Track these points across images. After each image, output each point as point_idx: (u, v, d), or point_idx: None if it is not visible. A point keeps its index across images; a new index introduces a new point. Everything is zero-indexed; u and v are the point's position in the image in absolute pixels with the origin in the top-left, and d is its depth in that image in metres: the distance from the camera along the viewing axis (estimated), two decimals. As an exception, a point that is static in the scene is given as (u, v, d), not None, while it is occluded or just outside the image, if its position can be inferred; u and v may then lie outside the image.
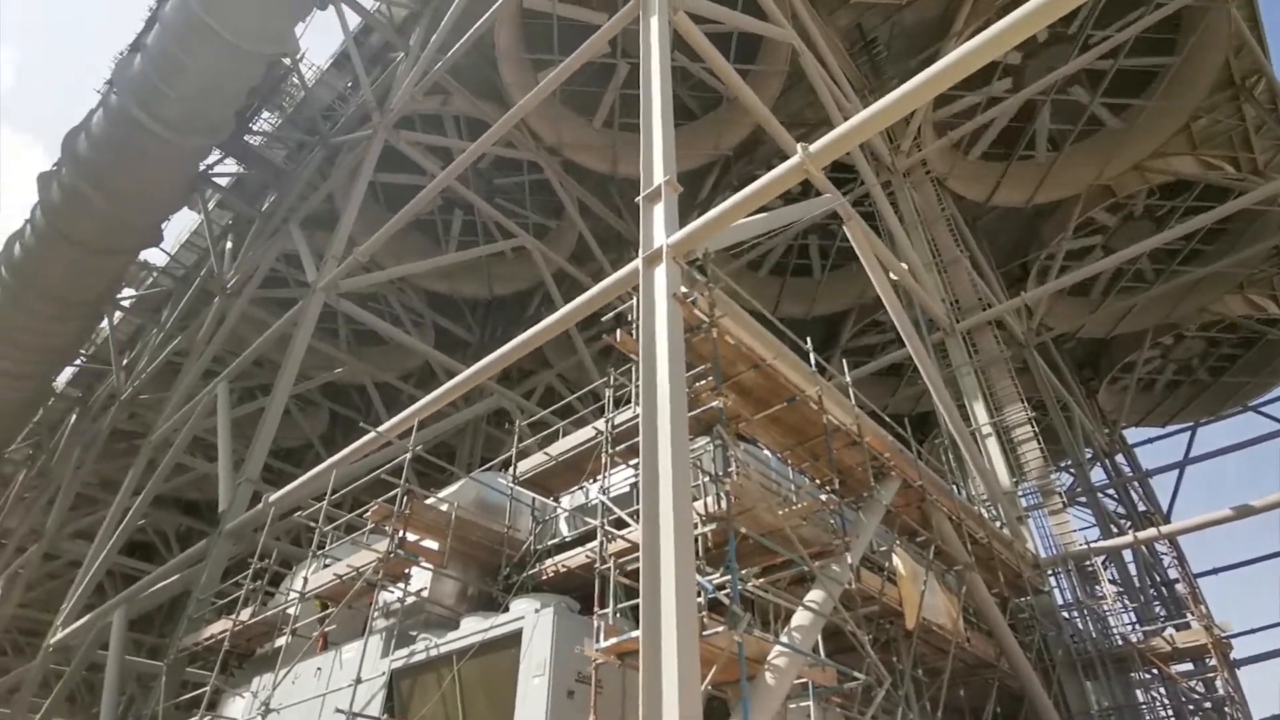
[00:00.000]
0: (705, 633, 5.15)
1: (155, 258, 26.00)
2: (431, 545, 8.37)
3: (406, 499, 8.15)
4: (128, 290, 25.71)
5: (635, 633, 5.22)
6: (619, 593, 6.04)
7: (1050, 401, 19.04)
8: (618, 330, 6.93)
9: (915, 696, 8.51)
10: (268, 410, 14.19)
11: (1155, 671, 11.62)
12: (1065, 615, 11.93)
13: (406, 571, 8.32)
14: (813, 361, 7.98)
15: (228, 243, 23.48)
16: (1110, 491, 22.46)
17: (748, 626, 5.41)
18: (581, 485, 8.72)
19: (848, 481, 8.19)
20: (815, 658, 6.25)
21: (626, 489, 7.61)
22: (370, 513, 8.35)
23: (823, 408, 7.49)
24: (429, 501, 8.73)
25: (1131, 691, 11.58)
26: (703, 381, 6.63)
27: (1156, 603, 18.52)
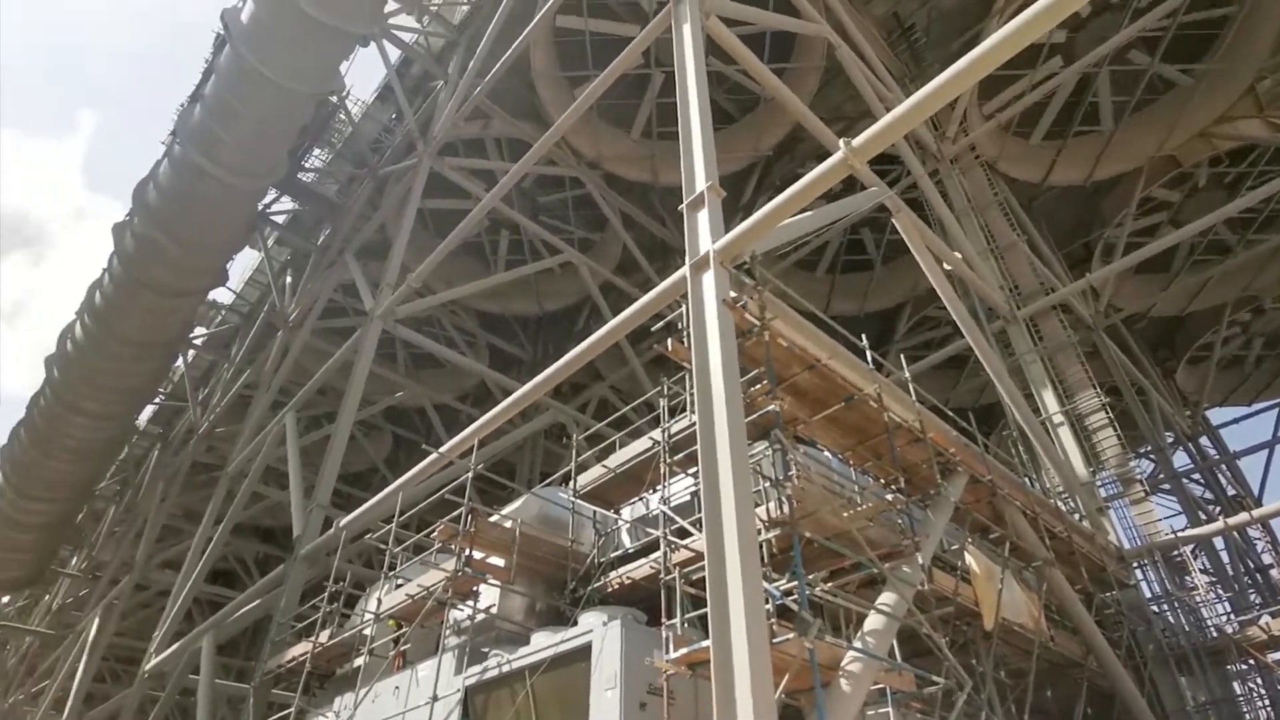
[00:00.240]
0: (776, 640, 5.07)
1: (222, 296, 27.18)
2: (498, 562, 8.48)
3: (471, 517, 8.29)
4: (199, 329, 26.97)
5: (705, 642, 5.18)
6: (685, 602, 6.01)
7: (1125, 385, 18.24)
8: (669, 339, 6.93)
9: (999, 700, 8.21)
10: (334, 437, 14.65)
11: (1252, 662, 11.00)
12: (1155, 609, 11.38)
13: (475, 589, 8.45)
14: (869, 359, 7.83)
15: (288, 277, 24.43)
16: (1195, 476, 21.36)
17: (819, 632, 5.31)
18: (642, 496, 8.72)
19: (913, 480, 7.99)
20: (891, 662, 6.09)
21: (687, 498, 7.58)
22: (437, 532, 8.51)
23: (882, 405, 7.33)
24: (493, 519, 8.86)
25: (1228, 684, 11.00)
26: (758, 386, 6.55)
27: (1251, 590, 17.58)
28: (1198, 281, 21.24)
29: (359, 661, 9.60)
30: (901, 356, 10.73)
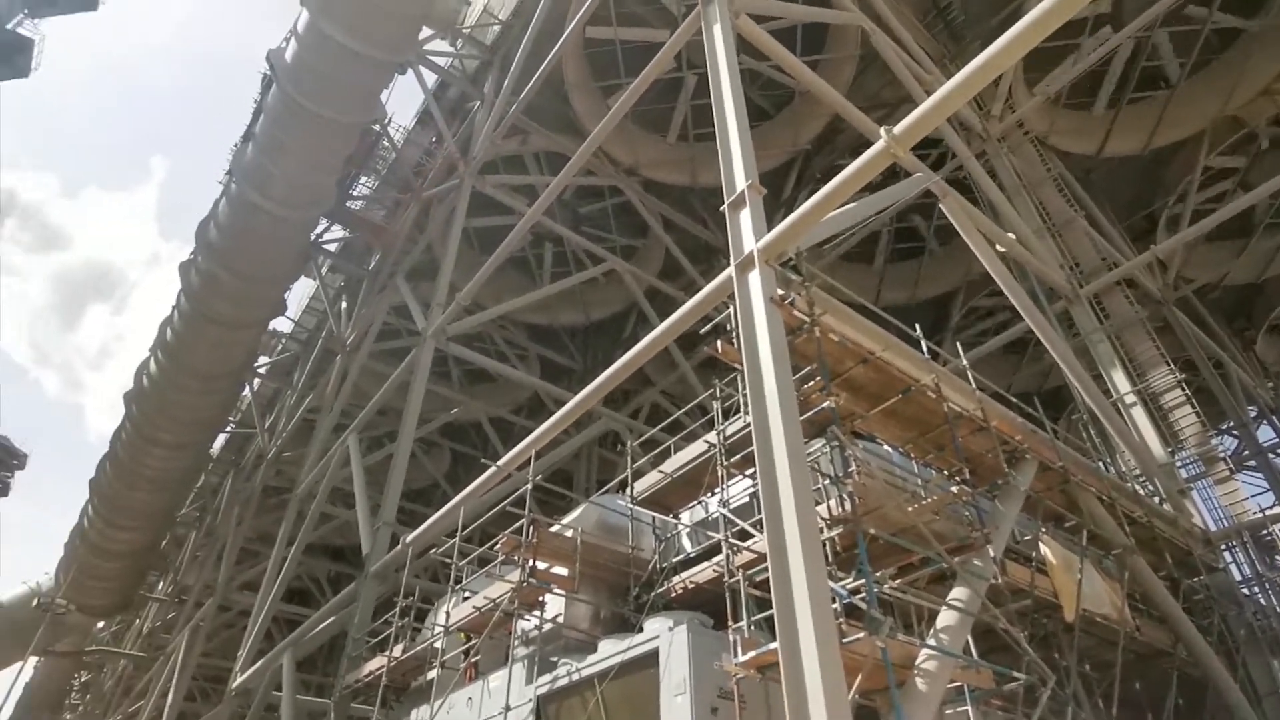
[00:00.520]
0: (845, 640, 4.97)
1: (282, 325, 28.21)
2: (561, 571, 8.56)
3: (533, 528, 8.39)
4: (262, 358, 28.06)
5: (773, 644, 5.12)
6: (750, 605, 5.96)
7: (1201, 360, 17.34)
8: (718, 341, 6.89)
9: (1085, 694, 7.90)
10: (396, 456, 15.01)
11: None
12: (1245, 592, 10.78)
13: (540, 599, 8.54)
14: (924, 348, 7.65)
15: (343, 303, 25.21)
16: (1284, 451, 20.17)
17: (890, 630, 5.20)
18: (700, 500, 8.69)
19: (978, 470, 7.75)
20: (967, 659, 5.92)
21: (746, 499, 7.52)
22: (500, 545, 8.64)
23: (941, 395, 7.14)
24: (554, 529, 8.95)
25: (1324, 665, 10.32)
26: (811, 383, 6.47)
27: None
28: (1273, 246, 20.13)
29: (431, 674, 9.79)
30: (958, 344, 10.43)
